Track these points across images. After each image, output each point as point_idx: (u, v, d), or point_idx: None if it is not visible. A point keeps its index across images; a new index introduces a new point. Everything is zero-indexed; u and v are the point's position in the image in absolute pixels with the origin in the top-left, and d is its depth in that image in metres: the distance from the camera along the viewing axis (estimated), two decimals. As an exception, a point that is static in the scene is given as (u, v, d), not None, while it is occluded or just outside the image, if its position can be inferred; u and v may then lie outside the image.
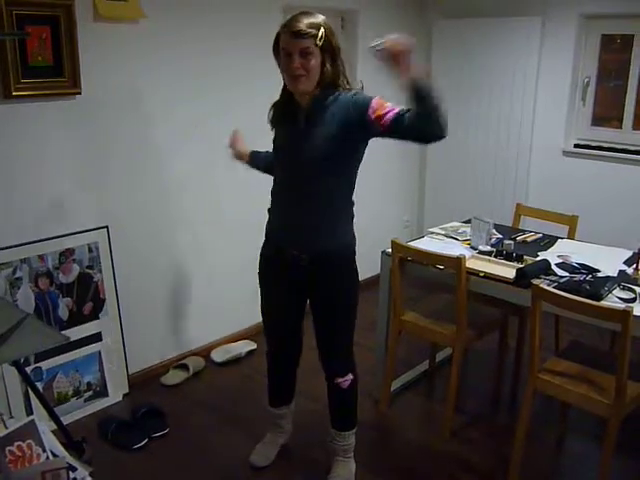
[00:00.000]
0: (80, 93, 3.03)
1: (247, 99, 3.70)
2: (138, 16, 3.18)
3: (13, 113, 2.86)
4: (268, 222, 2.63)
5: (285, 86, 2.44)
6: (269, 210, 2.62)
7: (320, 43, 2.28)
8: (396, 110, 2.33)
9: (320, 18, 2.33)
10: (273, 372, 2.91)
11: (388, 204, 5.15)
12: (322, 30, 2.29)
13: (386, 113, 2.33)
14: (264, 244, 2.66)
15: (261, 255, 2.68)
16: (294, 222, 2.50)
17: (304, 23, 2.27)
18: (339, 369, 2.68)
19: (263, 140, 2.61)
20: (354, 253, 2.61)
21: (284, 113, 2.49)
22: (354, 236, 2.62)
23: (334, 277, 2.54)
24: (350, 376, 2.69)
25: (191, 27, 3.44)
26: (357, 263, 2.63)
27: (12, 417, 2.64)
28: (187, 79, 3.48)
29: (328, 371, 2.70)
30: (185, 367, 3.66)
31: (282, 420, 2.98)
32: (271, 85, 2.54)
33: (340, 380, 2.67)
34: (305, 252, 2.49)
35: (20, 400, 3.01)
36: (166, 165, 3.51)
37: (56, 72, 2.93)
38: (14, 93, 2.80)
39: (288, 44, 2.29)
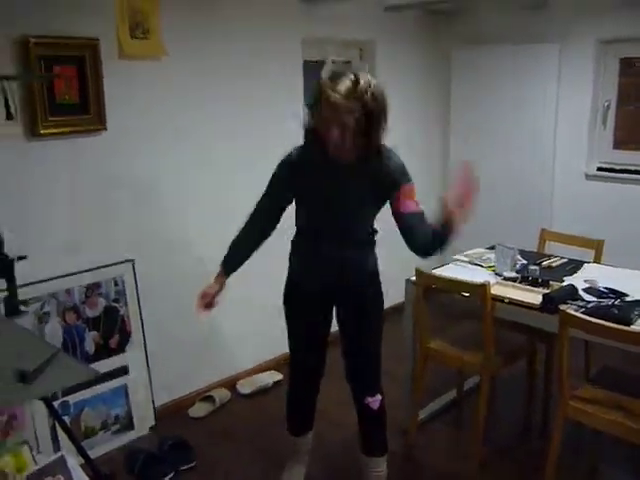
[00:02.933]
0: (106, 129, 3.09)
1: (267, 126, 3.77)
2: (160, 53, 3.25)
3: (41, 150, 2.92)
4: (292, 268, 2.68)
5: (312, 133, 2.41)
6: (291, 257, 2.66)
7: (359, 116, 2.21)
8: (418, 209, 2.55)
9: (365, 83, 2.22)
10: (294, 398, 2.88)
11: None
12: (365, 99, 2.20)
13: (409, 203, 2.54)
14: (290, 286, 2.70)
15: (287, 295, 2.72)
16: (324, 264, 2.55)
17: (343, 94, 2.18)
18: (369, 388, 2.68)
19: (265, 165, 2.63)
20: (379, 275, 2.71)
21: (316, 162, 2.45)
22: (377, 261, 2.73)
23: (364, 298, 2.63)
24: (379, 396, 2.69)
25: (211, 59, 3.51)
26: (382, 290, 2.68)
27: (40, 452, 2.64)
28: (204, 110, 3.54)
29: (357, 391, 2.69)
30: (211, 399, 3.66)
31: (303, 447, 2.94)
32: (286, 113, 2.57)
33: (370, 400, 2.66)
34: (340, 286, 2.58)
35: (47, 434, 3.02)
36: (191, 198, 3.55)
37: (82, 109, 3.00)
38: (42, 131, 2.86)
39: (327, 113, 2.23)
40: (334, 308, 2.68)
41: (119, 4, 3.05)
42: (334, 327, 2.72)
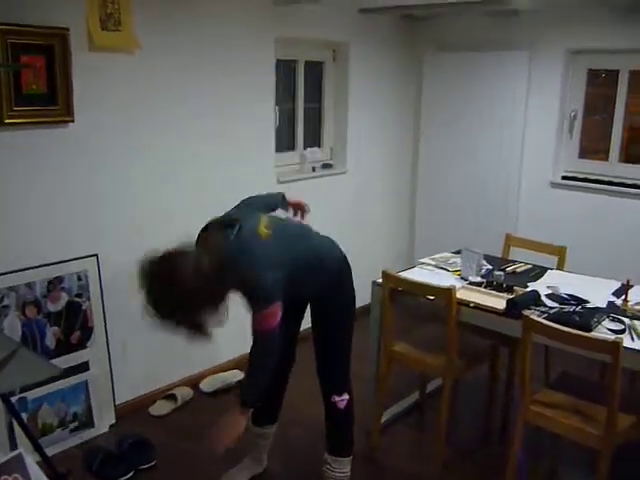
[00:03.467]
0: (73, 121, 3.04)
1: (238, 124, 3.76)
2: (133, 46, 3.21)
3: (5, 140, 2.85)
4: None
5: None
6: None
7: None
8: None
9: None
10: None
11: (379, 234, 5.17)
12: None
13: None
14: None
15: None
16: None
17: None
18: (337, 386, 2.70)
19: (246, 164, 2.61)
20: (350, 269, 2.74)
21: None
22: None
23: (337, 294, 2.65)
24: (346, 396, 2.71)
25: (184, 56, 3.48)
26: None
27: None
28: (179, 107, 3.51)
29: (325, 388, 2.71)
30: (173, 397, 3.62)
31: (263, 441, 2.97)
32: (260, 112, 2.55)
33: (337, 399, 2.68)
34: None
35: (3, 431, 2.95)
36: (156, 193, 3.52)
37: (49, 100, 2.95)
38: (6, 120, 2.80)
39: None
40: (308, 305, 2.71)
41: (90, -6, 3.01)
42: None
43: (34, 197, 3.01)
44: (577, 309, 2.84)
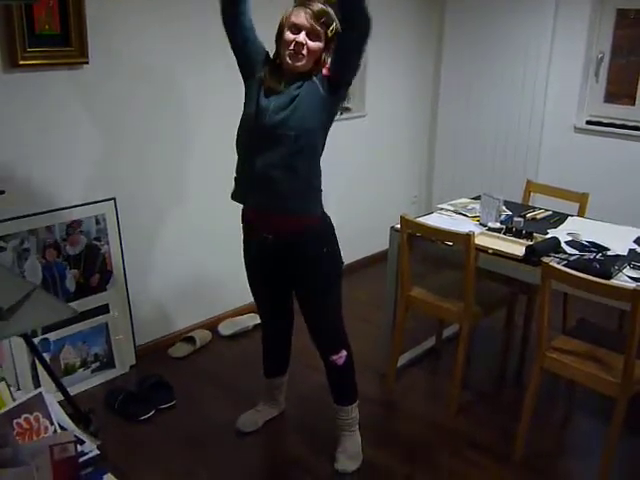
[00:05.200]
0: (87, 63, 2.99)
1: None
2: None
3: (19, 82, 2.82)
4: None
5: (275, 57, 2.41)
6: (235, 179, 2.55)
7: (330, 35, 2.32)
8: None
9: (332, 11, 2.34)
10: (266, 341, 2.96)
11: (397, 179, 5.12)
12: (335, 24, 2.30)
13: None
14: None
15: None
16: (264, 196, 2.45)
17: (324, 9, 2.30)
18: (331, 347, 2.68)
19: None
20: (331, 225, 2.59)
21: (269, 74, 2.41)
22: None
23: (308, 251, 2.52)
24: (344, 352, 2.68)
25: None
26: (365, 238, 2.62)
27: (19, 389, 2.65)
28: (198, 50, 3.44)
29: (320, 350, 2.70)
30: (192, 340, 3.67)
31: (275, 391, 3.03)
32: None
33: (335, 357, 2.67)
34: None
35: (27, 371, 3.02)
36: (176, 137, 3.49)
37: (63, 41, 2.89)
38: (20, 62, 2.76)
39: (301, 21, 2.29)
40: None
41: None
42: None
43: (50, 140, 3.00)
44: (597, 256, 2.80)
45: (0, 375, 1.75)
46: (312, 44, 2.31)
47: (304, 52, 2.30)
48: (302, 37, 2.29)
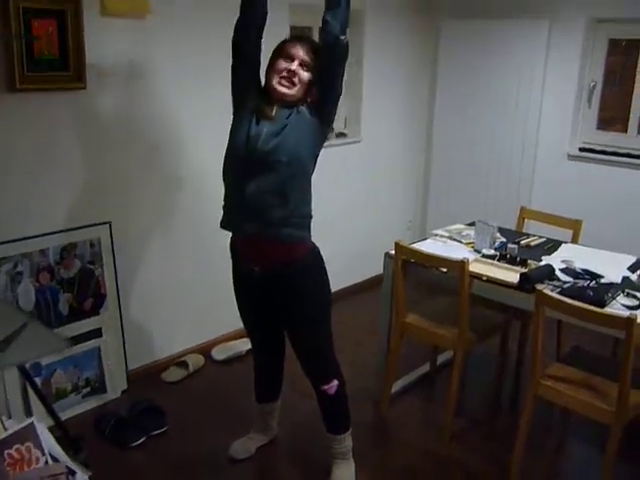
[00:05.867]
0: (85, 87, 3.01)
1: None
2: (144, 11, 3.16)
3: (17, 106, 2.84)
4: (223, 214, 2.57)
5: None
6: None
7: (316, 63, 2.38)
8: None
9: None
10: (258, 368, 2.94)
11: (391, 204, 5.14)
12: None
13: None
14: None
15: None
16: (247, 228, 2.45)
17: (318, 43, 2.40)
18: (321, 377, 2.66)
19: None
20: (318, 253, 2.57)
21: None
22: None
23: (296, 282, 2.51)
24: (335, 382, 2.65)
25: (196, 23, 3.42)
26: (359, 262, 2.63)
27: (10, 417, 2.62)
28: (191, 76, 3.46)
29: (311, 379, 2.68)
30: (185, 364, 3.65)
31: (267, 417, 3.01)
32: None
33: (325, 387, 2.65)
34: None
35: (18, 395, 2.99)
36: (170, 163, 3.50)
37: (62, 66, 2.92)
38: (18, 86, 2.78)
39: (296, 51, 2.37)
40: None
41: (102, -43, 2.96)
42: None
43: (46, 163, 3.00)
44: (591, 284, 2.81)
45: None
46: (304, 74, 2.37)
47: (295, 80, 2.35)
48: (295, 66, 2.35)
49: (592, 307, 2.49)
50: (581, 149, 4.52)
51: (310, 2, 4.05)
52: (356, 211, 4.74)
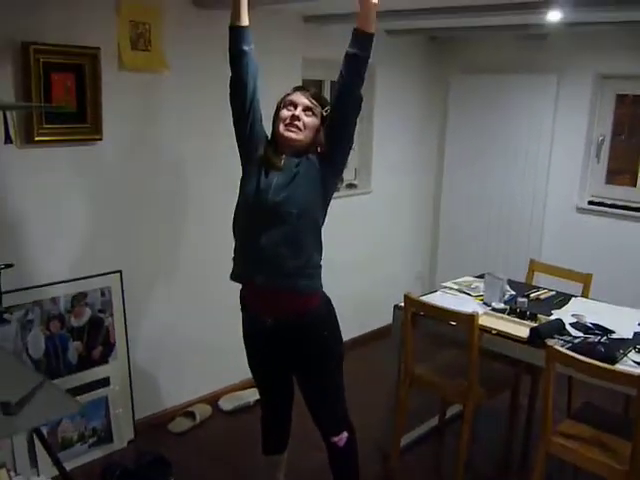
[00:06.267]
0: (101, 139, 3.07)
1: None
2: (162, 67, 3.24)
3: (34, 157, 2.90)
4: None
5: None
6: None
7: (324, 114, 2.44)
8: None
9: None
10: (265, 419, 2.86)
11: (401, 255, 5.15)
12: (329, 107, 2.44)
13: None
14: None
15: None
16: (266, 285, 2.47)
17: (319, 92, 2.53)
18: (331, 429, 2.63)
19: None
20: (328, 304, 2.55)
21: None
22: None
23: (310, 333, 2.50)
24: (345, 434, 2.62)
25: (212, 75, 3.47)
26: (367, 313, 2.62)
27: (18, 474, 2.60)
28: (207, 127, 3.53)
29: (321, 431, 2.65)
30: (192, 415, 3.62)
31: (274, 469, 2.92)
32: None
33: (335, 439, 2.61)
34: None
35: (24, 445, 2.97)
36: (179, 214, 3.54)
37: (79, 118, 2.99)
38: (36, 138, 2.84)
39: (297, 98, 2.44)
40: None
41: (121, 14, 3.05)
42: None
43: (61, 214, 3.05)
44: (602, 339, 2.79)
45: (0, 460, 1.73)
46: (307, 119, 2.41)
47: (299, 124, 2.39)
48: (298, 111, 2.41)
49: (603, 364, 2.47)
50: (590, 202, 4.54)
51: (322, 56, 4.18)
52: (365, 261, 4.75)
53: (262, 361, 2.67)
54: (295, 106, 2.42)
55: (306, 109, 2.42)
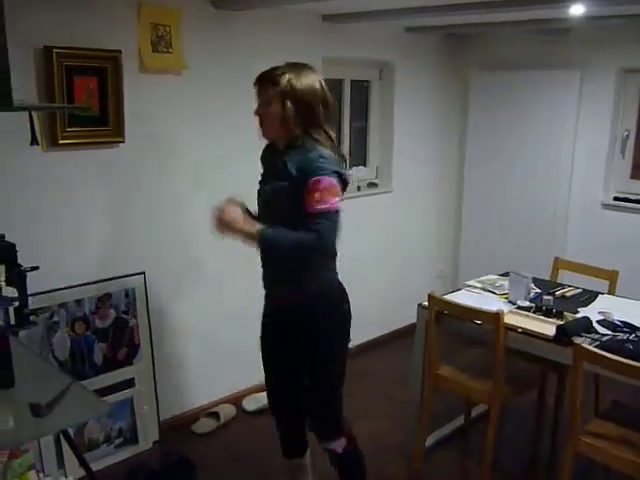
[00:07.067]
0: (124, 142, 3.09)
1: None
2: (182, 67, 3.26)
3: (58, 161, 2.92)
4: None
5: None
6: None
7: (280, 89, 2.26)
8: (321, 208, 2.26)
9: (289, 66, 2.30)
10: (279, 424, 2.78)
11: (423, 253, 5.12)
12: (285, 77, 2.26)
13: (314, 203, 2.25)
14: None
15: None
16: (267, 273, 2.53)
17: (267, 71, 2.32)
18: (326, 434, 2.55)
19: None
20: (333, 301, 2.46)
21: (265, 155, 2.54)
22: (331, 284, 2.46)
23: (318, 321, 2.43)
24: (342, 441, 2.54)
25: (232, 74, 3.50)
26: (389, 312, 2.59)
27: (47, 476, 2.62)
28: (228, 125, 3.53)
29: (318, 437, 2.58)
30: (216, 415, 3.63)
31: (297, 472, 2.83)
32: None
33: (332, 446, 2.54)
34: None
35: (51, 446, 3.00)
36: (202, 216, 3.54)
37: (101, 121, 3.01)
38: (60, 141, 2.87)
39: (256, 95, 2.37)
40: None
41: (142, 17, 3.07)
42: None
43: (85, 216, 3.07)
44: (631, 337, 2.75)
45: (30, 462, 1.74)
46: (269, 112, 2.31)
47: (267, 122, 2.35)
48: (261, 111, 2.35)
49: (632, 362, 2.43)
50: (615, 198, 4.48)
51: (342, 55, 4.17)
52: (387, 260, 4.73)
53: (269, 356, 2.67)
54: (256, 108, 2.37)
55: (262, 103, 2.34)
